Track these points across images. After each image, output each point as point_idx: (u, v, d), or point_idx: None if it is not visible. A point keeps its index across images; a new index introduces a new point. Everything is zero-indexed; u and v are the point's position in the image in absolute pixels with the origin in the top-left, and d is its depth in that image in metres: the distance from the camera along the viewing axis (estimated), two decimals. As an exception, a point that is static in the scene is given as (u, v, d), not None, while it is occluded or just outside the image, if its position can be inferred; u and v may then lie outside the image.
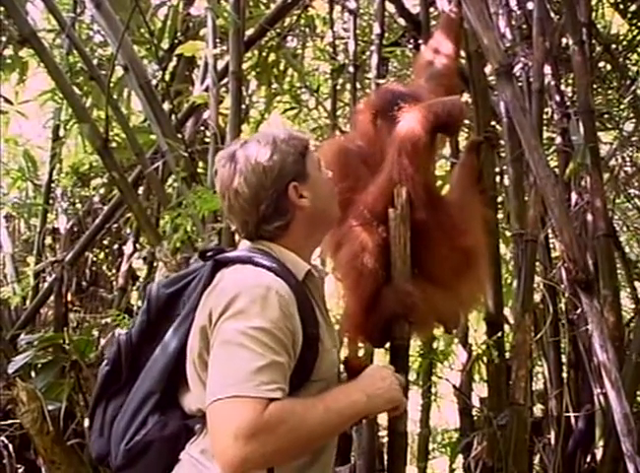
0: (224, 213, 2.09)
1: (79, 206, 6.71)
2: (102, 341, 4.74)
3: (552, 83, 4.43)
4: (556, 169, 4.41)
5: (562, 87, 4.80)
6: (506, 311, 3.83)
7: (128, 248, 5.89)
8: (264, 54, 5.67)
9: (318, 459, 1.88)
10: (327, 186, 2.04)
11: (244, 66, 4.93)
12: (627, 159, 5.47)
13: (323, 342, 1.87)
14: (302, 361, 1.78)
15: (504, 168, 4.14)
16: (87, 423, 3.64)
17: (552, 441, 4.08)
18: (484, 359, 3.30)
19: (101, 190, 6.63)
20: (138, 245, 5.97)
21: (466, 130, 4.90)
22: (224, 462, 1.62)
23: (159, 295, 1.97)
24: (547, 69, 4.22)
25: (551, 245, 4.73)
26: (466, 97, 3.90)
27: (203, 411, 1.74)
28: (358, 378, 1.88)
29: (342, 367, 2.10)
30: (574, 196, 4.31)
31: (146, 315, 1.97)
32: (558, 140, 4.44)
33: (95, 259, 6.63)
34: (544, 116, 4.23)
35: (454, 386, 4.04)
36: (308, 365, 1.81)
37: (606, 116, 5.32)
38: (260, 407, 1.61)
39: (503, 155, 3.92)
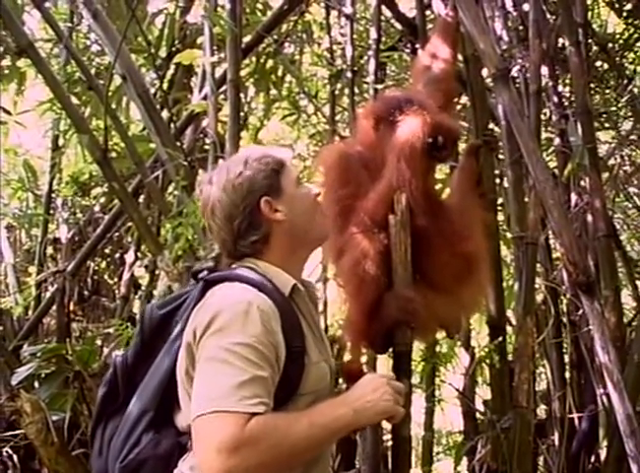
0: (209, 234, 2.16)
1: (79, 215, 6.72)
2: (105, 351, 4.74)
3: (550, 84, 4.44)
4: (555, 170, 4.43)
5: (560, 87, 4.81)
6: (508, 314, 3.83)
7: (129, 257, 5.90)
8: (262, 61, 5.67)
9: (310, 471, 1.88)
10: (305, 202, 2.03)
11: (242, 73, 4.94)
12: (626, 158, 5.47)
13: (309, 356, 1.88)
14: (287, 375, 1.80)
15: (503, 170, 4.13)
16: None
17: (556, 443, 4.09)
18: (487, 362, 3.30)
19: (102, 199, 6.63)
20: (139, 254, 5.98)
21: (464, 134, 4.90)
22: None
23: (152, 316, 1.99)
24: (545, 70, 4.23)
25: (552, 247, 4.73)
26: (464, 100, 3.91)
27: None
28: (350, 390, 1.88)
29: (340, 375, 2.09)
30: (574, 197, 4.31)
31: (140, 336, 2.01)
32: (557, 141, 4.46)
33: (96, 268, 6.64)
34: (543, 118, 4.23)
35: (457, 390, 4.04)
36: (294, 379, 1.83)
37: (603, 116, 5.33)
38: (242, 421, 1.64)
39: (502, 158, 3.93)
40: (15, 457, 4.27)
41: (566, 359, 4.46)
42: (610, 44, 5.20)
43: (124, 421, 1.91)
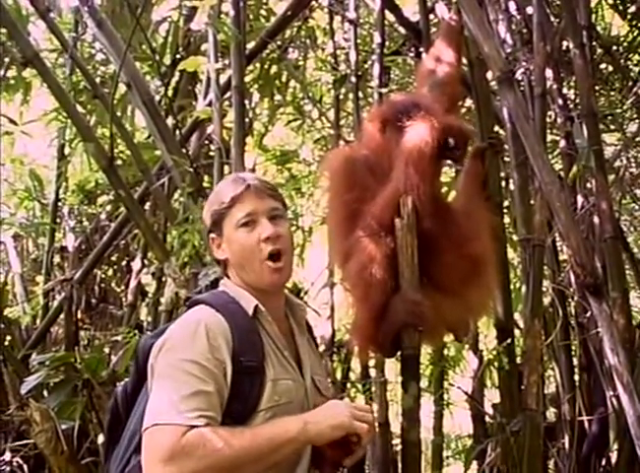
0: None
1: (86, 224, 6.72)
2: (114, 358, 4.74)
3: (554, 86, 4.43)
4: (561, 173, 4.42)
5: (564, 90, 4.80)
6: (516, 317, 3.82)
7: (136, 265, 5.89)
8: (266, 67, 5.68)
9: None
10: (240, 247, 2.04)
11: (246, 79, 4.95)
12: (632, 160, 5.46)
13: (267, 373, 1.92)
14: (238, 391, 1.86)
15: (509, 173, 4.13)
16: (100, 441, 3.68)
17: (567, 446, 4.06)
18: (496, 365, 3.29)
19: (108, 207, 6.64)
20: (146, 261, 5.98)
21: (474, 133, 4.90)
22: None
23: (144, 345, 2.05)
24: (549, 73, 4.22)
25: (559, 249, 4.72)
26: (469, 103, 3.91)
27: None
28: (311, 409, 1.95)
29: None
30: (580, 199, 4.30)
31: (135, 366, 2.09)
32: (562, 143, 4.44)
33: (103, 276, 6.64)
34: (548, 120, 4.22)
35: (466, 393, 4.03)
36: (249, 393, 1.88)
37: (609, 118, 5.32)
38: (179, 433, 1.73)
39: (508, 160, 3.92)
40: (25, 467, 4.27)
41: (575, 361, 4.44)
42: (615, 47, 5.20)
43: (119, 444, 2.01)
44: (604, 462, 4.03)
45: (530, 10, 4.50)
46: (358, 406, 1.96)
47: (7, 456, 4.28)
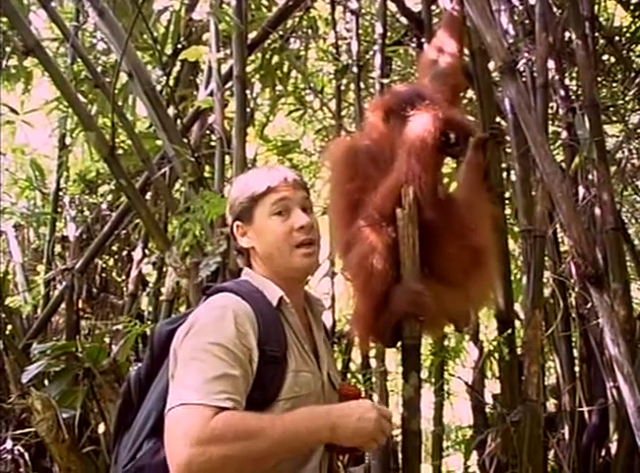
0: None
1: (87, 213, 6.72)
2: (114, 348, 4.75)
3: (557, 77, 4.42)
4: (563, 164, 4.41)
5: (567, 81, 4.79)
6: (516, 307, 3.83)
7: (137, 254, 5.90)
8: (267, 57, 5.66)
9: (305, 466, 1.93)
10: (272, 235, 2.05)
11: (248, 69, 4.94)
12: (634, 151, 5.45)
13: (289, 363, 1.92)
14: (261, 379, 1.86)
15: (511, 164, 4.13)
16: (101, 429, 3.69)
17: (567, 436, 4.08)
18: (496, 355, 3.30)
19: (109, 197, 6.64)
20: (147, 251, 5.98)
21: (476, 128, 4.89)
22: (174, 465, 1.70)
23: (160, 331, 2.08)
24: (551, 64, 4.21)
25: (560, 240, 4.72)
26: (470, 94, 3.90)
27: None
28: (338, 405, 1.91)
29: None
30: (581, 190, 4.30)
31: (150, 352, 2.10)
32: (564, 134, 4.44)
33: (104, 266, 6.64)
34: (550, 111, 4.22)
35: (466, 384, 4.03)
36: (271, 382, 1.88)
37: (611, 109, 5.31)
38: (208, 414, 1.70)
39: (509, 151, 3.92)
40: (26, 455, 4.29)
41: (575, 352, 4.45)
42: (617, 38, 5.19)
43: (131, 429, 1.99)
44: (603, 453, 4.04)
45: (532, 0, 4.49)
46: (384, 413, 1.89)
47: (8, 445, 4.30)
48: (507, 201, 4.37)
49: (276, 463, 1.80)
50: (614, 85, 5.36)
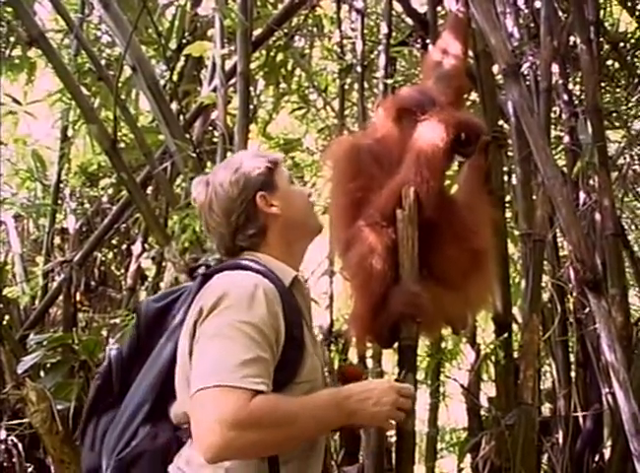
0: (205, 232, 2.21)
1: (87, 206, 6.73)
2: (111, 341, 4.75)
3: (560, 82, 4.42)
4: (564, 168, 4.41)
5: (570, 85, 4.79)
6: (514, 311, 3.83)
7: (137, 248, 5.91)
8: (272, 54, 5.66)
9: (315, 447, 1.92)
10: (300, 198, 2.12)
11: (252, 66, 4.93)
12: (635, 157, 5.45)
13: (306, 346, 1.90)
14: (285, 361, 1.82)
15: (512, 167, 4.13)
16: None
17: (560, 441, 4.08)
18: (492, 358, 3.30)
19: (110, 190, 6.65)
20: (146, 245, 5.99)
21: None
22: (205, 447, 1.66)
23: (148, 309, 2.02)
24: (555, 68, 4.21)
25: (559, 245, 4.72)
26: (474, 96, 3.90)
27: (188, 416, 1.77)
28: (357, 388, 1.87)
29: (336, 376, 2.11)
30: (582, 195, 4.30)
31: (136, 330, 2.04)
32: (566, 139, 4.44)
33: (103, 259, 6.65)
34: (552, 115, 4.22)
35: (462, 386, 4.04)
36: (292, 365, 1.84)
37: (614, 115, 5.31)
38: (245, 397, 1.66)
39: (511, 154, 3.92)
40: (20, 446, 4.29)
41: (572, 357, 4.46)
42: (622, 43, 5.18)
43: (120, 414, 1.91)
44: (597, 458, 4.05)
45: (538, 4, 4.49)
46: (403, 392, 1.89)
47: (2, 435, 4.30)
48: (508, 204, 4.36)
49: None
50: (618, 90, 5.36)
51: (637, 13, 5.18)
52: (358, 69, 5.02)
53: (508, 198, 4.42)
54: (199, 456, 1.70)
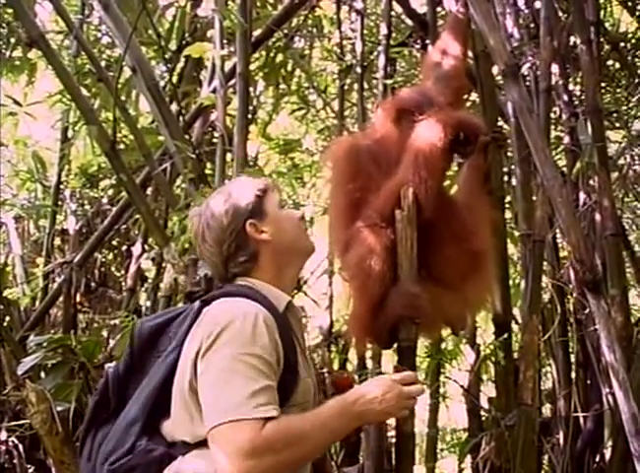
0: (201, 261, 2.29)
1: (88, 207, 6.73)
2: (111, 342, 4.75)
3: (560, 82, 4.42)
4: (564, 169, 4.41)
5: (570, 86, 4.78)
6: (514, 312, 3.83)
7: (137, 249, 5.90)
8: (271, 55, 5.66)
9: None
10: (290, 222, 2.17)
11: (252, 67, 4.93)
12: (636, 157, 5.45)
13: (299, 370, 1.96)
14: (283, 385, 1.88)
15: (512, 168, 4.12)
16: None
17: (561, 442, 4.07)
18: (492, 359, 3.29)
19: (110, 191, 6.65)
20: (146, 246, 5.98)
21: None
22: None
23: (141, 330, 2.10)
24: (555, 68, 4.21)
25: (559, 245, 4.72)
26: (473, 97, 3.90)
27: (183, 437, 1.87)
28: (361, 391, 1.92)
29: (328, 386, 2.15)
30: (582, 196, 4.29)
31: (130, 349, 2.11)
32: (566, 139, 4.43)
33: (103, 260, 6.65)
34: (552, 116, 4.21)
35: (462, 387, 4.03)
36: (288, 389, 1.91)
37: (614, 115, 5.31)
38: (258, 426, 1.74)
39: (511, 155, 3.92)
40: (20, 447, 4.29)
41: (572, 358, 4.45)
42: (622, 43, 5.18)
43: (115, 427, 1.98)
44: (597, 459, 4.04)
45: (538, 4, 4.48)
46: (405, 379, 1.97)
47: (2, 436, 4.29)
48: (507, 205, 4.36)
49: None
50: (618, 91, 5.36)
51: (637, 13, 5.17)
52: (358, 70, 5.02)
53: (508, 199, 4.42)
54: (188, 471, 1.80)
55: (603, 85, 5.01)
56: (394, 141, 2.43)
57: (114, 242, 6.74)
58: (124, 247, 6.76)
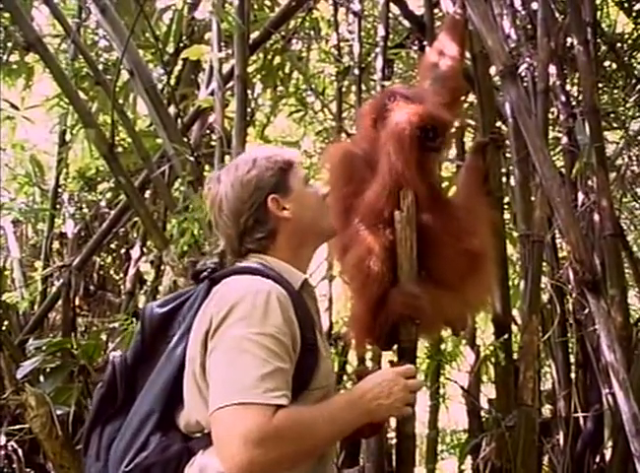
0: (214, 231, 2.14)
1: (86, 210, 6.72)
2: (110, 345, 4.75)
3: (558, 83, 4.42)
4: (563, 169, 4.41)
5: (568, 86, 4.79)
6: (514, 312, 3.83)
7: (135, 252, 5.90)
8: (269, 57, 5.67)
9: (325, 456, 1.91)
10: (314, 200, 2.07)
11: (249, 69, 4.94)
12: (634, 158, 5.45)
13: (320, 350, 1.87)
14: (301, 368, 1.79)
15: (510, 168, 4.13)
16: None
17: (561, 442, 4.07)
18: (492, 360, 3.29)
19: (108, 194, 6.64)
20: (145, 249, 5.98)
21: (471, 131, 4.90)
22: (231, 466, 1.63)
23: (152, 314, 1.98)
24: (553, 69, 4.21)
25: (558, 246, 4.72)
26: (471, 98, 3.90)
27: (201, 425, 1.76)
28: (367, 386, 1.86)
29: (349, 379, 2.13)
30: (581, 196, 4.30)
31: (140, 336, 1.99)
32: (564, 140, 4.44)
33: (102, 263, 6.65)
34: (550, 116, 4.21)
35: (462, 388, 4.03)
36: (307, 372, 1.82)
37: (611, 116, 5.31)
38: (268, 413, 1.63)
39: (509, 156, 3.92)
40: (20, 451, 4.29)
41: (572, 358, 4.45)
42: (619, 44, 5.19)
43: (127, 423, 1.86)
44: (598, 459, 4.04)
45: (535, 5, 4.49)
46: (407, 373, 1.91)
47: (2, 440, 4.29)
48: (506, 206, 4.37)
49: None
50: (615, 91, 5.36)
51: (634, 14, 5.18)
52: (356, 71, 5.02)
53: (507, 199, 4.42)
54: (214, 465, 1.69)
55: (600, 85, 5.02)
56: (376, 144, 2.43)
57: (113, 246, 6.74)
58: (123, 250, 6.76)
